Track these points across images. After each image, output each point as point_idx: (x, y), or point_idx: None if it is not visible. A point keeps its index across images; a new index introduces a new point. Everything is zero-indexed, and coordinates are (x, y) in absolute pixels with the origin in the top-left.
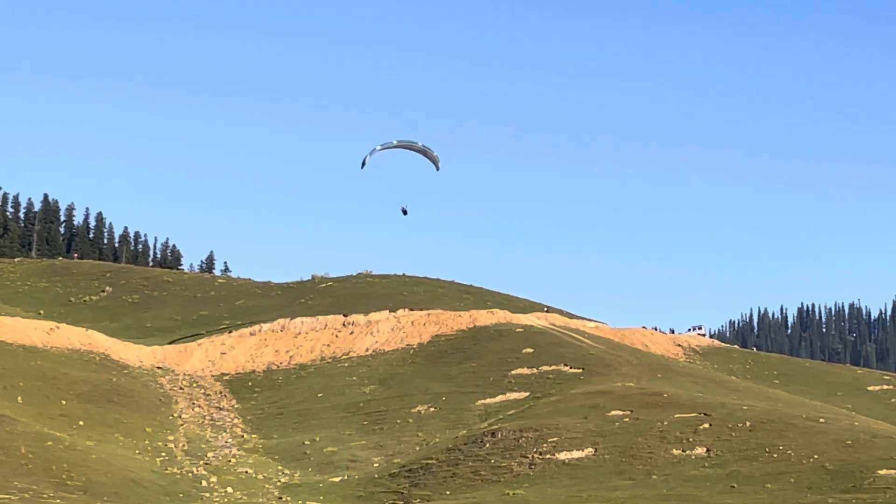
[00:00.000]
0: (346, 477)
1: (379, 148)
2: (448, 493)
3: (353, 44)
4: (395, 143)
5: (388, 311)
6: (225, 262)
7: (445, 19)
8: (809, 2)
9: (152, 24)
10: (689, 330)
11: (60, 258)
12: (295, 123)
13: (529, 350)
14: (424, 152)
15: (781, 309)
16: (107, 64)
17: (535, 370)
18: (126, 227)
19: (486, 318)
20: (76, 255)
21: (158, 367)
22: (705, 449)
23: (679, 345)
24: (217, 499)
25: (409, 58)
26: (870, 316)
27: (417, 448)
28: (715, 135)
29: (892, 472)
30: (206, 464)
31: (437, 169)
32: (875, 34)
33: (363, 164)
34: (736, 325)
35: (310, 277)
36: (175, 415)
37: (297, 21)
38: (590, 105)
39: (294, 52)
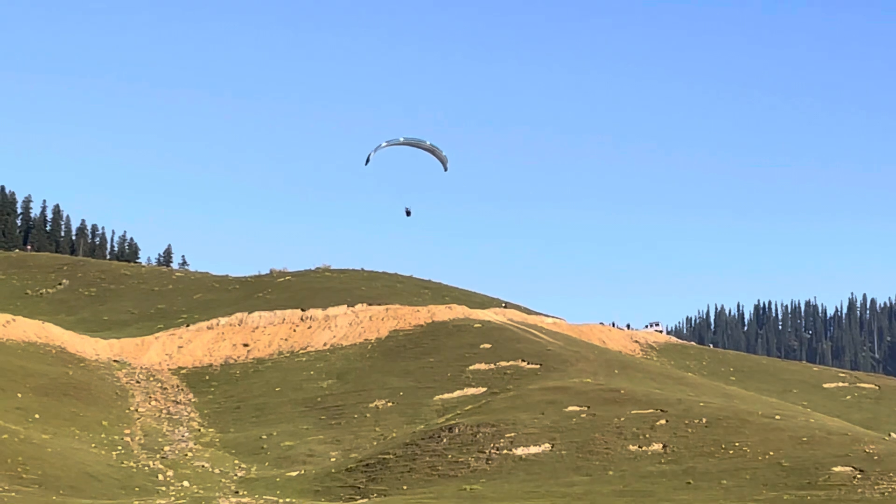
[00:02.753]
0: (302, 471)
1: (384, 144)
2: (405, 487)
3: (315, 34)
4: (401, 139)
5: (346, 306)
6: (183, 256)
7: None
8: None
9: (111, 13)
10: (647, 326)
11: (17, 250)
12: (254, 116)
13: (487, 345)
14: (432, 151)
15: (738, 306)
16: (63, 55)
17: (492, 365)
18: (83, 220)
19: (444, 313)
20: (29, 246)
21: (115, 361)
22: (662, 445)
23: (636, 341)
24: (173, 493)
25: (370, 51)
26: (825, 314)
27: (374, 443)
28: (675, 133)
29: (847, 468)
30: (163, 458)
31: (446, 169)
32: (846, 34)
33: (367, 160)
34: (693, 322)
35: (268, 271)
36: (131, 408)
37: (265, 13)
38: (549, 100)
39: (253, 42)
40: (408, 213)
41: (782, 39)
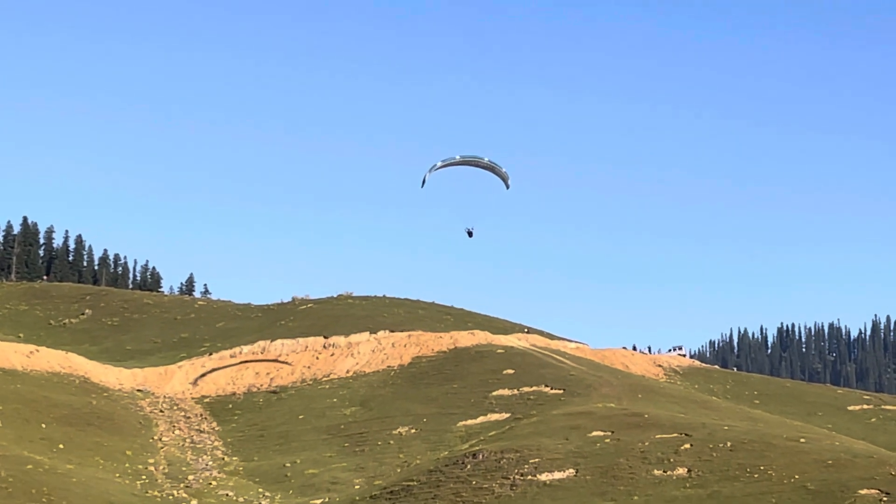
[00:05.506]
0: (327, 499)
1: (440, 164)
2: None
3: (336, 59)
4: (457, 158)
5: (368, 333)
6: (205, 284)
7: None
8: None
9: (131, 43)
10: (670, 350)
11: (40, 281)
12: (273, 144)
13: (510, 371)
14: (492, 169)
15: (761, 329)
16: (86, 85)
17: (515, 391)
18: (105, 250)
19: (466, 339)
20: (45, 277)
21: (138, 390)
22: (686, 469)
23: (660, 365)
24: None
25: (387, 77)
26: (849, 336)
27: (398, 470)
28: (697, 158)
29: (873, 491)
30: (187, 487)
31: (508, 187)
32: (848, 62)
33: (423, 182)
34: (716, 346)
35: (290, 299)
36: (155, 438)
37: (278, 41)
38: (566, 126)
39: (271, 71)
40: (469, 234)
41: (809, 68)
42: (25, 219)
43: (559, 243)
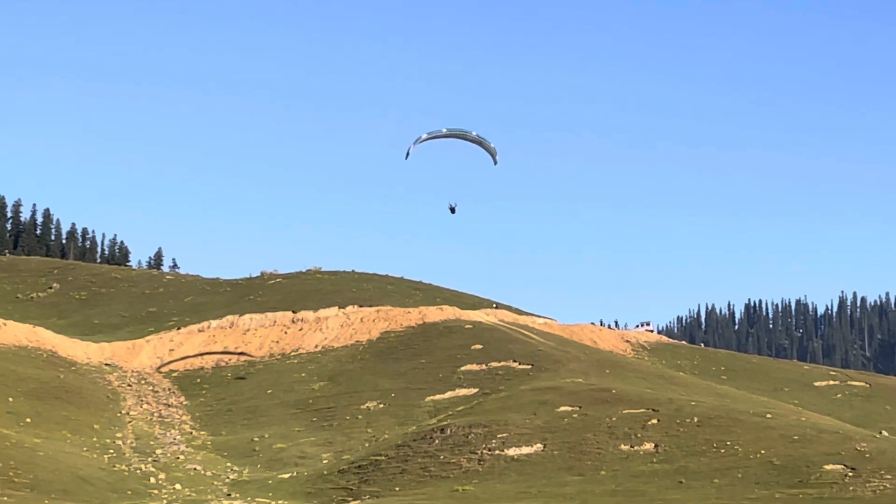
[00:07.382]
0: (295, 473)
1: (425, 136)
2: (397, 489)
3: (307, 34)
4: (444, 131)
5: (337, 308)
6: (173, 259)
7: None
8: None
9: (102, 16)
10: (638, 326)
11: (6, 253)
12: (244, 118)
13: (478, 346)
14: (480, 143)
15: (729, 305)
16: (51, 59)
17: (484, 366)
18: (74, 224)
19: (435, 314)
20: (6, 251)
21: (106, 364)
22: (653, 444)
23: (627, 341)
24: (165, 496)
25: (361, 52)
26: (816, 312)
27: (367, 444)
28: (664, 132)
29: (839, 467)
30: (155, 461)
31: (495, 162)
32: (837, 35)
33: (407, 154)
34: (684, 321)
35: (259, 274)
36: (123, 412)
37: (253, 15)
38: (539, 101)
39: (242, 44)
40: (452, 211)
41: (770, 39)
42: None
43: (527, 219)
